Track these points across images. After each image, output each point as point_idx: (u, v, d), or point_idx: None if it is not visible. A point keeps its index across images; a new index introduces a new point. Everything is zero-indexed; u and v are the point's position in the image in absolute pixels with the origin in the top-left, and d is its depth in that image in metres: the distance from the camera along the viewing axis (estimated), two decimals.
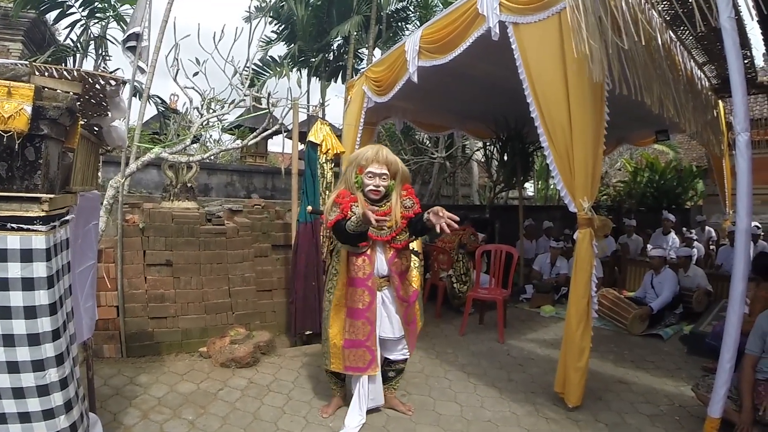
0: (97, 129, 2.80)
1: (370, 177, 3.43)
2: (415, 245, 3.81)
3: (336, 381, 3.78)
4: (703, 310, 6.56)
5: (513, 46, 4.04)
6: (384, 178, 3.45)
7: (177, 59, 5.49)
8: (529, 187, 19.96)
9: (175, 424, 3.51)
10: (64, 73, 2.15)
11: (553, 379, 4.06)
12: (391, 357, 3.74)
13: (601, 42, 3.27)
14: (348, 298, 3.51)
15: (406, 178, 3.63)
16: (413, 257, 3.75)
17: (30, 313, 1.95)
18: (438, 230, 3.08)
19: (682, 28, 4.83)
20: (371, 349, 3.51)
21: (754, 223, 8.24)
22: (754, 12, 4.17)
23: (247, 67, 6.15)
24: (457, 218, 3.13)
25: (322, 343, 3.69)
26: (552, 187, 17.49)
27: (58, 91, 2.06)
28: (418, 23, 13.29)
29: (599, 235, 3.89)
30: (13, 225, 1.91)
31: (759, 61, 7.10)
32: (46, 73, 2.10)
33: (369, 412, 3.68)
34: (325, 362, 3.66)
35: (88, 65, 11.90)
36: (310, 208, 5.22)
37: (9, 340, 1.95)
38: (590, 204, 3.75)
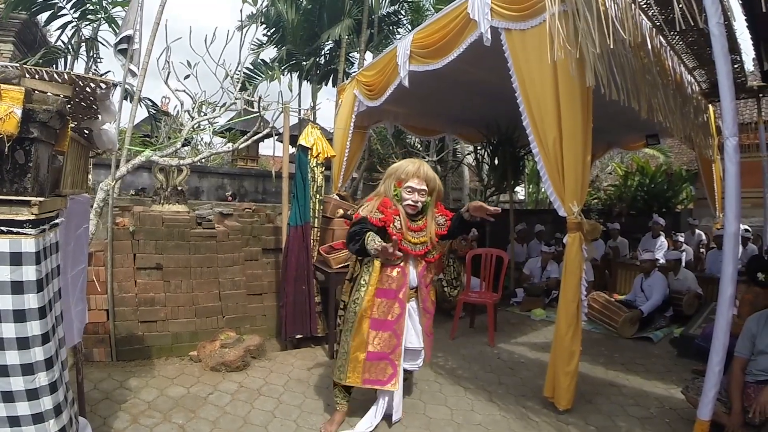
0: (87, 132, 2.79)
1: (409, 192, 3.41)
2: None
3: (344, 395, 3.63)
4: (693, 312, 6.61)
5: (506, 54, 4.06)
6: (422, 194, 3.44)
7: (168, 62, 5.48)
8: (520, 191, 20.03)
9: (165, 429, 3.49)
10: (55, 76, 2.14)
11: (544, 382, 4.07)
12: (406, 366, 3.71)
13: (593, 47, 3.29)
14: (375, 309, 3.44)
15: (441, 195, 3.64)
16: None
17: (19, 316, 1.94)
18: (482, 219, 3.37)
19: (672, 32, 4.87)
20: (394, 363, 3.46)
21: (744, 227, 8.30)
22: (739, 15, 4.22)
23: (239, 71, 6.15)
24: (498, 210, 3.32)
25: (339, 355, 3.57)
26: (542, 190, 17.56)
27: (49, 94, 2.05)
28: (409, 27, 13.33)
29: (588, 239, 3.90)
30: (2, 228, 1.90)
31: (749, 66, 7.14)
32: (37, 76, 2.09)
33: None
34: (338, 376, 3.52)
35: (79, 67, 11.90)
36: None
37: None
38: (579, 208, 3.77)
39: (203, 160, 7.47)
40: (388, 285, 3.44)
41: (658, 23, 4.40)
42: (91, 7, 10.94)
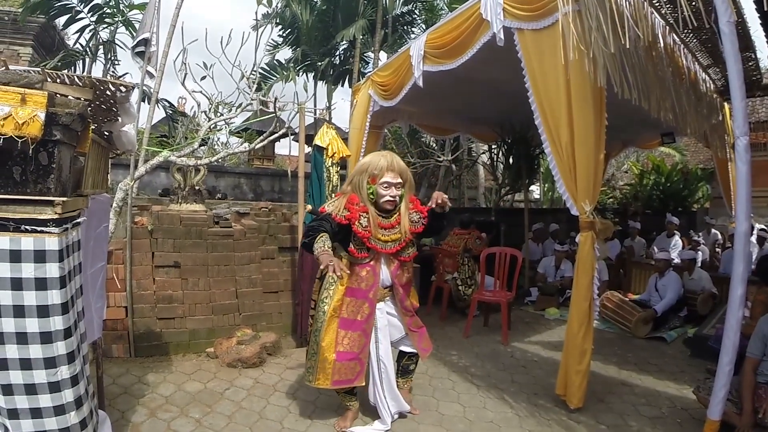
0: (107, 134, 2.87)
1: (385, 187, 3.32)
2: None
3: (348, 396, 3.60)
4: (707, 312, 6.58)
5: (519, 54, 4.07)
6: (399, 188, 3.36)
7: (185, 63, 5.57)
8: (536, 190, 19.97)
9: (182, 422, 3.57)
10: (76, 79, 2.21)
11: (556, 381, 4.10)
12: (409, 350, 3.73)
13: (605, 46, 3.30)
14: (345, 309, 3.41)
15: (412, 186, 3.56)
16: None
17: (43, 312, 2.02)
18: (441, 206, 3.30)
19: (685, 30, 4.85)
20: (362, 362, 3.44)
21: (760, 226, 8.24)
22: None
23: (254, 72, 6.22)
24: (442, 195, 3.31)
25: (309, 356, 3.51)
26: (557, 189, 17.49)
27: (70, 97, 2.12)
28: (423, 26, 13.34)
29: (601, 238, 3.91)
30: (27, 227, 1.98)
31: (765, 63, 7.08)
32: (58, 80, 2.16)
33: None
34: (308, 378, 3.48)
35: (97, 70, 12.04)
36: (309, 207, 5.27)
37: (22, 338, 2.01)
38: (592, 207, 3.77)
39: (220, 160, 7.55)
40: (357, 284, 3.40)
41: (671, 21, 4.39)
42: (108, 11, 11.07)
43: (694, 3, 3.21)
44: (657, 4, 4.19)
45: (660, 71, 4.17)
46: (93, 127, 2.47)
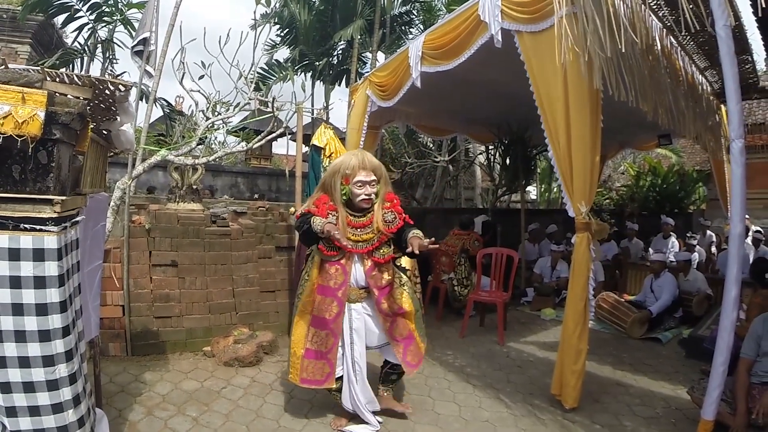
0: (106, 132, 2.87)
1: (359, 186, 3.31)
2: (404, 262, 3.62)
3: (340, 395, 3.56)
4: (703, 314, 6.59)
5: (521, 57, 4.08)
6: (373, 185, 3.35)
7: (183, 62, 5.57)
8: (532, 191, 19.98)
9: (179, 421, 3.58)
10: (75, 78, 2.22)
11: (552, 380, 4.11)
12: (393, 360, 3.63)
13: (601, 49, 3.31)
14: (315, 305, 3.41)
15: (388, 182, 3.51)
16: (400, 273, 3.57)
17: (41, 310, 2.02)
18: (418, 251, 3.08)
19: (683, 33, 4.86)
20: (331, 363, 3.41)
21: (756, 228, 8.27)
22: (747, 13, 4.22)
23: (252, 71, 6.23)
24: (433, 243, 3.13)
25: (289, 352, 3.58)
26: (554, 190, 17.55)
27: (70, 96, 2.12)
28: (421, 27, 13.36)
29: (596, 239, 3.92)
30: (26, 225, 1.98)
31: (761, 65, 7.09)
32: (58, 79, 2.16)
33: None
34: (288, 369, 3.55)
35: (95, 68, 12.04)
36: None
37: (21, 336, 2.01)
38: (588, 208, 3.79)
39: (217, 159, 7.57)
40: (326, 282, 3.38)
41: (669, 24, 4.40)
42: (107, 10, 11.09)
43: (691, 6, 3.22)
44: (654, 7, 4.20)
45: (657, 73, 4.19)
46: (92, 126, 2.48)
